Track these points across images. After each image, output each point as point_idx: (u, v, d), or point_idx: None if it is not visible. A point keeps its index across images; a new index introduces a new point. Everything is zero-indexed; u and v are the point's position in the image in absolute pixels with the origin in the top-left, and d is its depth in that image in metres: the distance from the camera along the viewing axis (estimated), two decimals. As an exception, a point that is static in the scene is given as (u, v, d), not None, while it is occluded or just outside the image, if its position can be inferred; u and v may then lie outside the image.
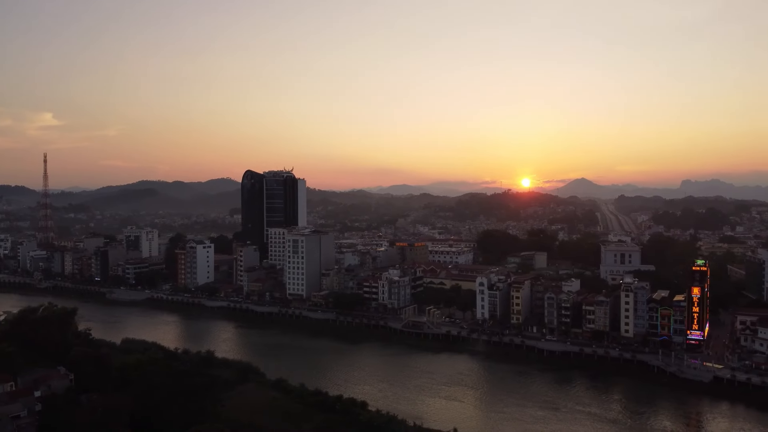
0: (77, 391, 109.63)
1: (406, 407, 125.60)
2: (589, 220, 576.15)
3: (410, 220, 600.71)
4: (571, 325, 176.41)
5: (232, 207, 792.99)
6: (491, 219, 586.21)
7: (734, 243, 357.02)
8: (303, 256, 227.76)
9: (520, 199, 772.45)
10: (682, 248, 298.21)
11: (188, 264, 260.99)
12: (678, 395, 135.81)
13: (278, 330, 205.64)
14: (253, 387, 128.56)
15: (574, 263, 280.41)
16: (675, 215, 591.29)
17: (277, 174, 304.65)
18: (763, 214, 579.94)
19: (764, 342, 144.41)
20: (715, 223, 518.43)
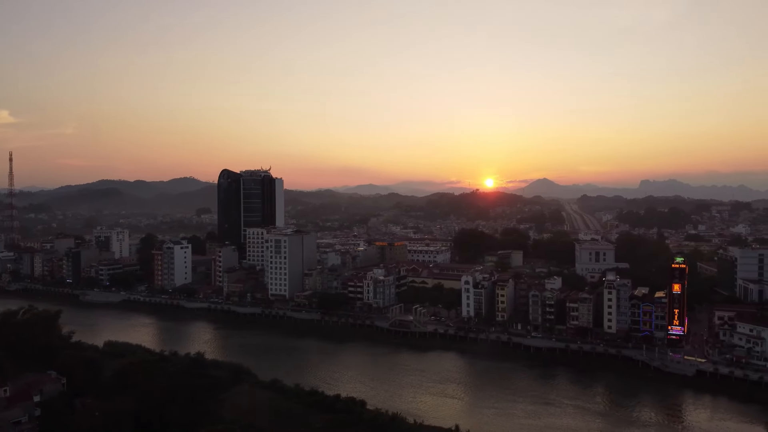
0: (70, 395, 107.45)
1: (403, 405, 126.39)
2: (556, 220, 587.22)
3: (382, 219, 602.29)
4: (555, 321, 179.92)
5: (198, 207, 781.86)
6: (461, 218, 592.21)
7: (700, 241, 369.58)
8: (286, 256, 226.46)
9: (488, 199, 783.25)
10: (651, 246, 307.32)
11: (165, 265, 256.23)
12: (662, 388, 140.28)
13: (263, 331, 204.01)
14: (248, 388, 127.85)
15: (549, 261, 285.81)
16: (639, 214, 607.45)
17: (255, 173, 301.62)
18: (723, 213, 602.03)
19: (743, 336, 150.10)
20: (678, 222, 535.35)
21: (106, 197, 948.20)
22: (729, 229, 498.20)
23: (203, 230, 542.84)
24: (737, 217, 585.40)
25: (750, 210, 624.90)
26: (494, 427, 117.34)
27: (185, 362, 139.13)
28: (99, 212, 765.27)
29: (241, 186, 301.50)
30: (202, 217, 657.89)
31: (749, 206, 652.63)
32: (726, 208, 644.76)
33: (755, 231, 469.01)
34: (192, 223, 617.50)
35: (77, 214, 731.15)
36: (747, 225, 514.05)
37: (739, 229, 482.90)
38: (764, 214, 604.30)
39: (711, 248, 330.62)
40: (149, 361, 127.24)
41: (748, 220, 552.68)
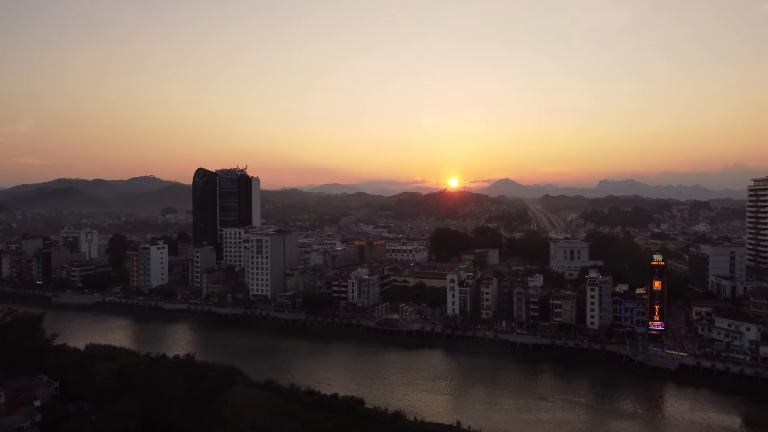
0: (64, 399, 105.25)
1: (398, 403, 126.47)
2: (523, 219, 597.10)
3: (354, 219, 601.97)
4: (539, 318, 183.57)
5: (163, 206, 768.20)
6: (431, 218, 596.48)
7: (666, 239, 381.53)
8: (268, 256, 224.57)
9: (456, 199, 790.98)
10: (621, 245, 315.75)
11: (141, 266, 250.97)
12: (646, 382, 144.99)
13: (246, 332, 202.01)
14: (242, 389, 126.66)
15: (524, 260, 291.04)
16: (602, 213, 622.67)
17: (231, 172, 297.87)
18: (683, 212, 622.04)
19: (721, 331, 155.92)
20: (641, 221, 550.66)
21: (64, 196, 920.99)
22: (690, 227, 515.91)
23: (170, 230, 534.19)
24: (697, 216, 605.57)
25: (709, 209, 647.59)
26: (491, 423, 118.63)
27: (175, 364, 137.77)
28: (59, 212, 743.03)
29: (217, 185, 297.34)
30: (168, 216, 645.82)
31: (708, 205, 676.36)
32: (686, 207, 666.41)
33: (715, 229, 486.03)
34: (158, 223, 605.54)
35: (37, 214, 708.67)
36: (707, 223, 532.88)
37: (700, 228, 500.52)
38: (722, 212, 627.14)
39: (677, 246, 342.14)
40: (148, 364, 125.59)
41: (707, 219, 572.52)
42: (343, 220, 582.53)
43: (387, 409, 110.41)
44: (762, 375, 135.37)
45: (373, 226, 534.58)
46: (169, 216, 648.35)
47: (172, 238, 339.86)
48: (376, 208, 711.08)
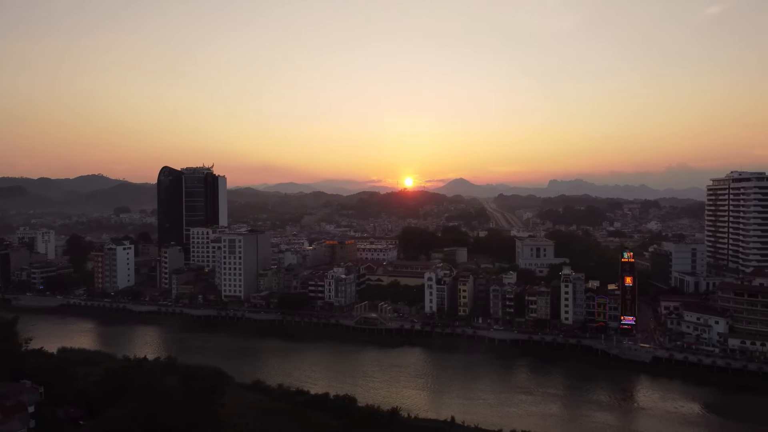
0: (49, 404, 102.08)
1: (386, 400, 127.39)
2: (482, 218, 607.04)
3: (316, 218, 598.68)
4: (514, 314, 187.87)
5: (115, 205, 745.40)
6: (392, 217, 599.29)
7: (623, 237, 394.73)
8: (240, 256, 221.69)
9: (416, 198, 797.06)
10: (582, 242, 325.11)
11: (107, 267, 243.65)
12: (621, 374, 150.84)
13: (222, 333, 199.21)
14: (229, 390, 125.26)
15: (491, 257, 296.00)
16: (557, 212, 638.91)
17: (197, 171, 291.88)
18: (634, 211, 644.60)
19: (690, 324, 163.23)
20: (595, 220, 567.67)
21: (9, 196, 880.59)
22: (642, 225, 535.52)
23: (125, 230, 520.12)
24: (647, 215, 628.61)
25: (658, 208, 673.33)
26: (480, 417, 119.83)
27: (157, 367, 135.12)
28: (5, 212, 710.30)
29: (183, 184, 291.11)
30: (122, 216, 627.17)
31: (657, 204, 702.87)
32: (636, 206, 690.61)
33: (665, 227, 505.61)
34: (111, 223, 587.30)
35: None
36: (657, 222, 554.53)
37: (651, 226, 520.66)
38: (671, 211, 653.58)
39: (634, 243, 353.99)
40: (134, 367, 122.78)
41: (657, 218, 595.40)
42: (305, 219, 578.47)
43: (379, 407, 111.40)
44: (733, 366, 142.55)
45: (335, 226, 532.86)
46: (123, 216, 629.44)
47: (131, 238, 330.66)
48: (338, 207, 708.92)
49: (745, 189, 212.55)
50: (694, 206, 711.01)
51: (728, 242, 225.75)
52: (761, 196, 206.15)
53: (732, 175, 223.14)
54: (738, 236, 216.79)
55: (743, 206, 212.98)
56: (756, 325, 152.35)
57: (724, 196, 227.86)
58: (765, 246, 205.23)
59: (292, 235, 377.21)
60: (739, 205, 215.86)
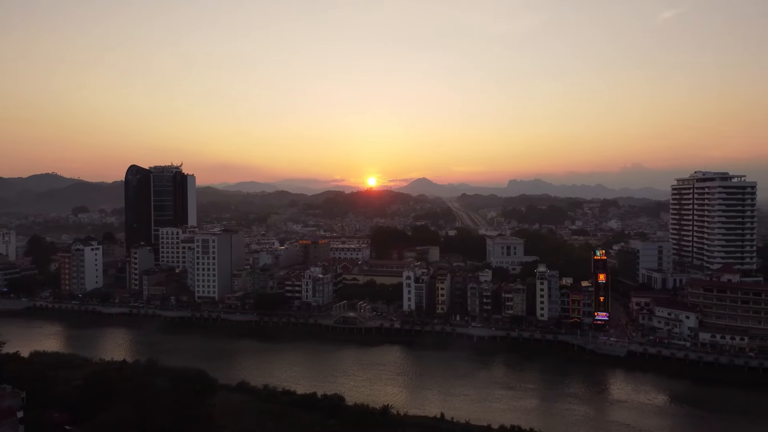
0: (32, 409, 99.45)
1: (373, 398, 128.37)
2: (449, 217, 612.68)
3: (283, 218, 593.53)
4: (491, 311, 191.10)
5: (71, 205, 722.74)
6: (359, 216, 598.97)
7: (586, 235, 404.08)
8: (214, 256, 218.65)
9: (382, 197, 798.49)
10: (550, 241, 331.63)
11: (74, 268, 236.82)
12: (598, 368, 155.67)
13: (196, 335, 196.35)
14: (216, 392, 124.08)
15: (462, 256, 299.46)
16: (521, 211, 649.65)
17: (166, 169, 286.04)
18: (594, 210, 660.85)
19: (662, 319, 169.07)
20: (557, 218, 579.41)
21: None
22: (602, 224, 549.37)
23: (84, 230, 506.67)
24: (607, 213, 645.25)
25: (617, 207, 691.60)
26: (464, 413, 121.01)
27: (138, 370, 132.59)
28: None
29: (152, 183, 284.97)
30: (81, 216, 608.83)
31: (616, 203, 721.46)
32: (596, 205, 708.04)
33: (625, 226, 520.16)
34: (69, 223, 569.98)
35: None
36: (617, 220, 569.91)
37: (612, 224, 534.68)
38: (629, 210, 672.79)
39: (598, 241, 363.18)
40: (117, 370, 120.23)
41: (616, 216, 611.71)
42: (271, 218, 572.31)
43: (368, 405, 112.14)
44: (704, 359, 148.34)
45: (302, 225, 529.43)
46: (82, 216, 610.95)
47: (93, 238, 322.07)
48: (304, 207, 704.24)
49: (709, 189, 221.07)
50: (651, 205, 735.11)
51: (693, 240, 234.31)
52: (725, 195, 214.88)
53: (696, 175, 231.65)
54: (702, 234, 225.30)
55: (708, 205, 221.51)
56: (725, 319, 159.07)
57: (689, 196, 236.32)
58: (729, 244, 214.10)
59: (260, 235, 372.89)
60: (704, 205, 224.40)
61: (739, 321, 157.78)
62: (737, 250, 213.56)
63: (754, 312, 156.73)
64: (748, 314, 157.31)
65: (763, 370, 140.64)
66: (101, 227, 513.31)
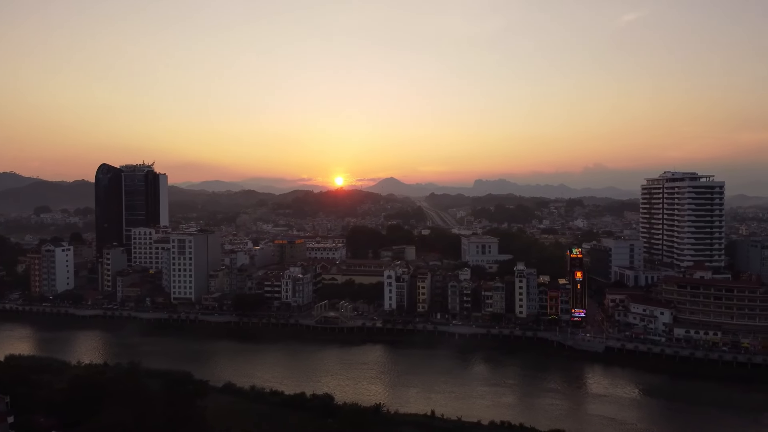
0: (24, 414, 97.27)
1: (360, 397, 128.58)
2: (420, 217, 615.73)
3: (253, 217, 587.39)
4: (471, 309, 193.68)
5: (31, 205, 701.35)
6: (330, 216, 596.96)
7: (555, 234, 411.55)
8: (191, 257, 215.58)
9: (353, 197, 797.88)
10: (522, 239, 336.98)
11: (45, 269, 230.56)
12: (577, 364, 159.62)
13: (175, 337, 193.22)
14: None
15: (437, 255, 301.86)
16: (490, 210, 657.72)
17: (138, 168, 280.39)
18: (560, 209, 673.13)
19: (637, 315, 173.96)
20: (525, 218, 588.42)
21: None
22: (569, 223, 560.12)
23: (47, 231, 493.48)
24: (572, 212, 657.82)
25: (582, 206, 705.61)
26: (450, 409, 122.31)
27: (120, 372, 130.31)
28: None
29: (123, 182, 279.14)
30: (43, 216, 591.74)
31: (581, 203, 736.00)
32: (561, 204, 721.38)
33: (591, 224, 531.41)
34: (32, 224, 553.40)
35: None
36: (583, 219, 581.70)
37: (578, 223, 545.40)
38: (594, 209, 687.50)
39: (567, 240, 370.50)
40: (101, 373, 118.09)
41: (582, 215, 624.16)
42: (240, 218, 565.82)
43: (359, 404, 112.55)
44: (680, 354, 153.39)
45: (273, 225, 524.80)
46: (44, 216, 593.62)
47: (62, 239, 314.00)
48: (274, 206, 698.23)
49: (679, 188, 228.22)
50: (615, 205, 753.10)
51: (662, 238, 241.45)
52: (695, 195, 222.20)
53: (665, 175, 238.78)
54: (672, 233, 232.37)
55: (678, 205, 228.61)
56: (698, 315, 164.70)
57: (658, 195, 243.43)
58: (698, 242, 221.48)
59: (231, 235, 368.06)
60: (674, 204, 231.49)
61: (711, 317, 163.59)
62: (706, 248, 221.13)
63: (726, 308, 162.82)
64: (720, 310, 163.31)
65: (737, 364, 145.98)
66: (65, 227, 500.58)
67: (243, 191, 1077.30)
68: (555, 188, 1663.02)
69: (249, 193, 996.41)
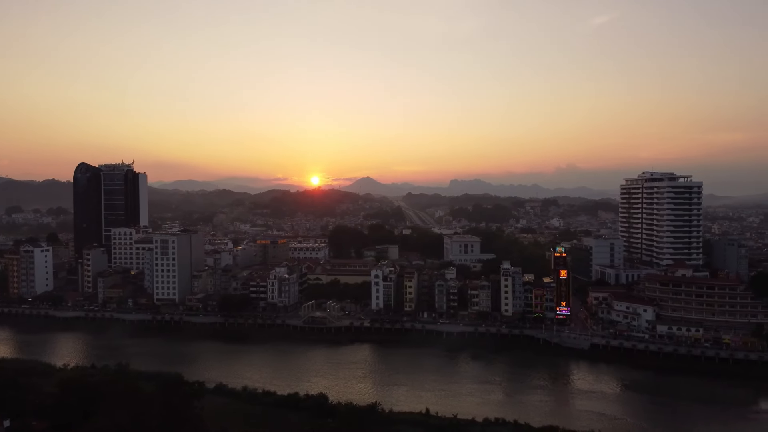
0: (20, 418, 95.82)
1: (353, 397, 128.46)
2: (399, 216, 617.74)
3: (230, 217, 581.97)
4: (458, 308, 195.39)
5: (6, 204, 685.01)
6: (309, 216, 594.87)
7: (533, 233, 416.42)
8: (174, 257, 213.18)
9: (330, 196, 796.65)
10: (503, 239, 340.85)
11: (23, 271, 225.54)
12: (564, 361, 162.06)
13: (160, 338, 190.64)
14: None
15: (420, 254, 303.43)
16: (467, 210, 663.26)
17: (117, 168, 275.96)
18: (536, 209, 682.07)
19: (620, 313, 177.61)
20: (502, 217, 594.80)
21: None
22: (546, 222, 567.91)
23: (18, 231, 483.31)
24: (548, 212, 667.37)
25: (557, 206, 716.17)
26: (441, 407, 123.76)
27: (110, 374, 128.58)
28: None
29: (102, 181, 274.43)
30: (14, 216, 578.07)
31: (556, 202, 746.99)
32: (537, 204, 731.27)
33: (566, 223, 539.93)
34: (3, 223, 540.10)
35: None
36: (558, 218, 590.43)
37: (554, 222, 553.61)
38: (569, 209, 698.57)
39: (545, 239, 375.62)
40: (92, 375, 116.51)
41: (557, 215, 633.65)
42: (217, 218, 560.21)
43: (352, 403, 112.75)
44: (664, 350, 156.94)
45: (250, 225, 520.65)
46: (16, 216, 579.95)
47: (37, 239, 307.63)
48: (251, 206, 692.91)
49: (658, 188, 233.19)
50: (589, 204, 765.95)
51: (642, 237, 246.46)
52: (674, 195, 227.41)
53: (644, 175, 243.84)
54: (652, 231, 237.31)
55: (657, 204, 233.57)
56: (680, 312, 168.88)
57: (638, 195, 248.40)
58: (677, 240, 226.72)
59: (210, 235, 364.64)
60: (653, 203, 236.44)
61: (693, 313, 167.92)
62: (685, 246, 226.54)
63: (707, 305, 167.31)
64: (702, 307, 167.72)
65: (719, 359, 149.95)
66: (38, 228, 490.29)
67: (218, 191, 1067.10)
68: (528, 188, 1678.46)
69: (224, 193, 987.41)
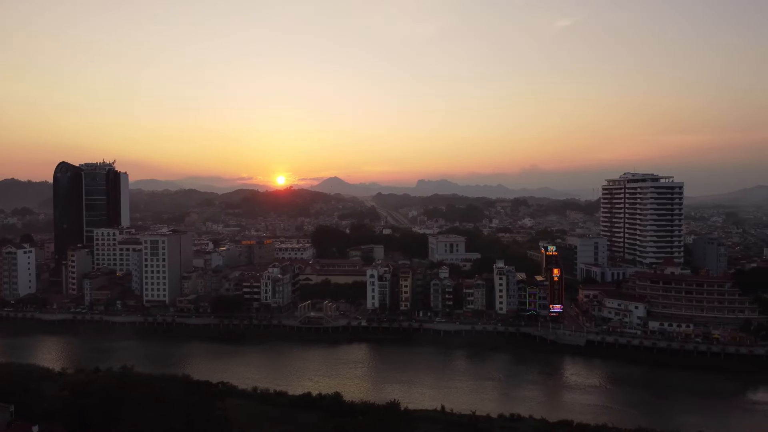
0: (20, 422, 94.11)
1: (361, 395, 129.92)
2: (374, 216, 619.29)
3: (203, 217, 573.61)
4: (453, 306, 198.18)
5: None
6: (282, 216, 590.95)
7: (510, 232, 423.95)
8: (164, 258, 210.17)
9: (302, 196, 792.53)
10: (485, 238, 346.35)
11: (6, 273, 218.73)
12: (561, 357, 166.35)
13: (153, 340, 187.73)
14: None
15: (405, 254, 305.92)
16: (441, 210, 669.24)
17: (98, 167, 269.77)
18: (506, 209, 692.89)
19: (612, 310, 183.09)
20: (475, 217, 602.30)
21: None
22: (518, 222, 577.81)
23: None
24: (518, 212, 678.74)
25: (527, 206, 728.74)
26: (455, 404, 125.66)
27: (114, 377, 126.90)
28: None
29: (83, 181, 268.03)
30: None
31: (526, 202, 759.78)
32: (507, 204, 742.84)
33: (537, 223, 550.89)
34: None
35: None
36: (529, 218, 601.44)
37: (525, 222, 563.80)
38: (538, 209, 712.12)
39: (523, 238, 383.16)
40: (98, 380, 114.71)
41: (528, 214, 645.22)
42: (189, 218, 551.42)
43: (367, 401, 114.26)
44: (658, 346, 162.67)
45: (223, 225, 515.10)
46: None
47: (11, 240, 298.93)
48: (221, 206, 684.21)
49: (642, 189, 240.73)
50: (557, 204, 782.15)
51: (624, 236, 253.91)
52: (656, 195, 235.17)
53: (626, 176, 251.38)
54: (635, 231, 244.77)
55: (640, 204, 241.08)
56: (671, 308, 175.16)
57: (620, 195, 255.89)
58: (660, 239, 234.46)
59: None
60: (636, 204, 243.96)
61: (683, 310, 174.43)
62: (667, 245, 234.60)
63: (697, 301, 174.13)
64: (691, 303, 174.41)
65: (711, 354, 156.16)
66: (2, 229, 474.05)
67: (184, 190, 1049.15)
68: (494, 188, 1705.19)
69: (191, 193, 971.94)
